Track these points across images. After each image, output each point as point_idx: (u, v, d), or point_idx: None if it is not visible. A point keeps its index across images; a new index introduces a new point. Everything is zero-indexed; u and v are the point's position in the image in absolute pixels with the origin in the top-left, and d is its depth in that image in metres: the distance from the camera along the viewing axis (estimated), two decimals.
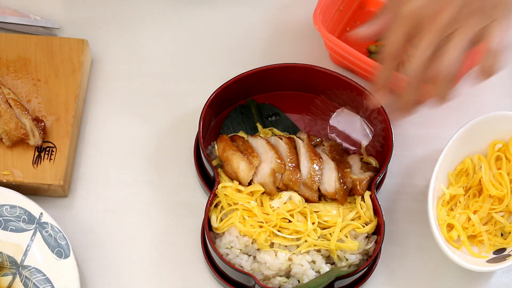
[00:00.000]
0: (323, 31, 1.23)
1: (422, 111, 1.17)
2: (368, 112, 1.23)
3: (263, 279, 1.14)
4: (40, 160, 1.21)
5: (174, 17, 1.30)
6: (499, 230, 1.19)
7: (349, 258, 1.15)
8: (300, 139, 1.21)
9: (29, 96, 1.25)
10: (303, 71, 1.24)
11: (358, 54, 1.23)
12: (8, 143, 1.20)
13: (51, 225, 1.17)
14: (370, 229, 1.16)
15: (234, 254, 1.15)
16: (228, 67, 1.31)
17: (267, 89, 1.27)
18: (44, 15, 1.33)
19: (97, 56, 1.32)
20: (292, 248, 1.14)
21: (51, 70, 1.26)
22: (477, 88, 1.31)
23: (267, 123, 1.26)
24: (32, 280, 1.16)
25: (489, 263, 1.15)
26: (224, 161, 1.18)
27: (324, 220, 1.16)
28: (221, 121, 1.26)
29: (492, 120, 1.21)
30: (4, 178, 1.20)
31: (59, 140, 1.23)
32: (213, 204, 1.17)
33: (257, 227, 1.14)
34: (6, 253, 1.18)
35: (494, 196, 1.19)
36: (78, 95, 1.25)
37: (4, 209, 1.18)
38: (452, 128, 1.23)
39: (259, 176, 1.17)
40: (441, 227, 1.18)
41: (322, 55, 1.32)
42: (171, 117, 1.29)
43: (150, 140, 1.27)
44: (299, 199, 1.16)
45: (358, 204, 1.17)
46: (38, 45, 1.27)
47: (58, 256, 1.16)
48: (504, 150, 1.22)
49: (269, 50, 1.33)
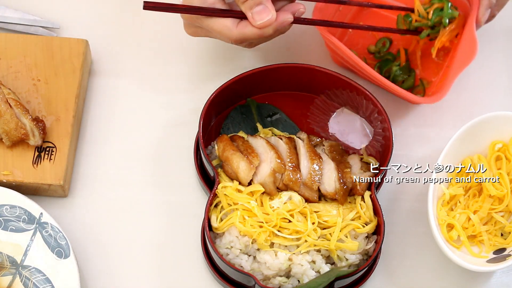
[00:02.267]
0: (323, 31, 1.23)
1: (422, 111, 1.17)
2: (368, 112, 1.23)
3: (263, 279, 1.14)
4: (40, 160, 1.21)
5: (174, 16, 1.30)
6: (499, 230, 1.19)
7: (349, 258, 1.15)
8: (300, 139, 1.21)
9: (29, 96, 1.25)
10: (303, 71, 1.24)
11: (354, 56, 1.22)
12: (8, 143, 1.20)
13: (51, 225, 1.17)
14: (370, 229, 1.16)
15: (234, 254, 1.15)
16: (228, 67, 1.31)
17: (267, 89, 1.27)
18: (44, 15, 1.33)
19: (97, 56, 1.32)
20: (292, 248, 1.14)
21: (51, 70, 1.26)
22: (477, 88, 1.32)
23: (267, 123, 1.26)
24: (32, 280, 1.16)
25: (489, 263, 1.15)
26: (224, 161, 1.18)
27: (324, 220, 1.16)
28: (221, 121, 1.26)
29: (492, 120, 1.21)
30: (4, 178, 1.20)
31: (59, 140, 1.22)
32: (213, 204, 1.17)
33: (257, 227, 1.14)
34: (6, 253, 1.18)
35: (494, 196, 1.19)
36: (78, 95, 1.25)
37: (4, 209, 1.18)
38: (452, 128, 1.23)
39: (259, 176, 1.17)
40: (441, 227, 1.18)
41: (322, 55, 1.32)
42: (171, 117, 1.29)
43: (150, 140, 1.27)
44: (299, 199, 1.16)
45: (358, 204, 1.17)
46: (38, 45, 1.27)
47: (58, 256, 1.16)
48: (504, 150, 1.22)
49: (269, 50, 1.33)
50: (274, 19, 1.13)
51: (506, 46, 1.34)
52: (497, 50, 1.33)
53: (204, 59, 1.32)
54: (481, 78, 1.32)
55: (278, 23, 1.14)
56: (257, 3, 1.12)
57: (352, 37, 1.33)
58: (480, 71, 1.28)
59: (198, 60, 1.32)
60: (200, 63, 1.32)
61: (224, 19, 1.15)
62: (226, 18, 1.15)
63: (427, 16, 1.26)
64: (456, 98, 1.30)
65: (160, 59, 1.32)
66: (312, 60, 1.28)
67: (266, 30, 1.14)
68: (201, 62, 1.32)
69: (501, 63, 1.33)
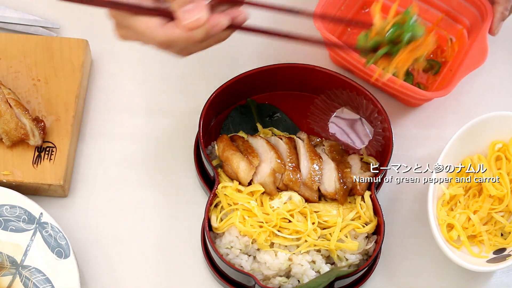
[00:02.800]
0: (322, 30, 1.23)
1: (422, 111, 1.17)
2: (368, 112, 1.23)
3: (263, 279, 1.14)
4: (40, 160, 1.21)
5: None
6: (499, 230, 1.19)
7: (349, 258, 1.15)
8: (300, 139, 1.21)
9: (29, 96, 1.25)
10: (303, 71, 1.24)
11: (356, 56, 1.23)
12: (8, 143, 1.20)
13: (51, 225, 1.17)
14: (370, 229, 1.16)
15: (234, 254, 1.15)
16: (228, 67, 1.31)
17: (267, 89, 1.27)
18: (44, 15, 1.33)
19: (97, 56, 1.32)
20: (292, 248, 1.14)
21: (51, 70, 1.26)
22: (477, 88, 1.32)
23: (267, 123, 1.26)
24: (32, 280, 1.16)
25: (489, 263, 1.15)
26: (224, 161, 1.18)
27: (324, 220, 1.16)
28: (221, 121, 1.26)
29: (492, 120, 1.21)
30: (4, 178, 1.20)
31: (59, 140, 1.22)
32: (213, 204, 1.17)
33: (257, 227, 1.14)
34: (6, 253, 1.17)
35: (494, 196, 1.19)
36: (78, 95, 1.25)
37: (4, 209, 1.18)
38: (452, 128, 1.23)
39: (259, 176, 1.17)
40: (441, 227, 1.18)
41: (322, 55, 1.32)
42: (171, 117, 1.29)
43: (150, 140, 1.27)
44: (299, 199, 1.16)
45: (358, 204, 1.17)
46: (38, 45, 1.27)
47: (58, 256, 1.16)
48: (504, 150, 1.22)
49: (269, 50, 1.33)
50: (204, 19, 0.99)
51: (507, 46, 1.34)
52: (498, 50, 1.33)
53: (204, 59, 1.32)
54: (481, 78, 1.32)
55: (210, 25, 1.00)
56: (188, 1, 0.99)
57: (351, 37, 1.33)
58: (480, 71, 1.28)
59: (198, 60, 1.32)
60: (200, 63, 1.32)
61: (148, 18, 1.00)
62: (152, 17, 1.00)
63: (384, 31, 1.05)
64: (456, 98, 1.30)
65: (160, 59, 1.32)
66: (312, 60, 1.28)
67: (196, 33, 1.00)
68: (201, 62, 1.32)
69: (502, 64, 1.34)
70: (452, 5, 1.30)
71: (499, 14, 1.24)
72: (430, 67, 1.31)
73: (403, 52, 1.04)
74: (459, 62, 1.26)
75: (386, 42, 1.04)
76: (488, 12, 1.25)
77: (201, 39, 1.01)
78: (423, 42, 1.05)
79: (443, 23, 1.32)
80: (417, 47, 1.04)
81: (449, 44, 1.32)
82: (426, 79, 1.31)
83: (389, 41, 1.04)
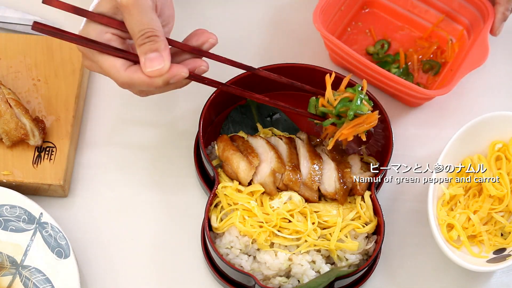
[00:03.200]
0: (322, 30, 1.23)
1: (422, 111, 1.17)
2: None
3: (263, 279, 1.14)
4: (40, 160, 1.21)
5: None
6: (499, 230, 1.19)
7: (349, 258, 1.15)
8: (300, 139, 1.21)
9: (29, 96, 1.25)
10: (303, 71, 1.24)
11: (356, 55, 1.23)
12: (8, 143, 1.20)
13: (51, 225, 1.17)
14: (370, 229, 1.16)
15: (234, 254, 1.15)
16: (228, 67, 1.31)
17: (267, 89, 1.27)
18: (44, 15, 1.33)
19: None
20: (292, 248, 1.14)
21: (51, 70, 1.26)
22: (477, 88, 1.32)
23: (267, 123, 1.26)
24: (32, 280, 1.16)
25: (489, 263, 1.15)
26: (224, 161, 1.18)
27: (324, 220, 1.16)
28: (221, 121, 1.26)
29: (492, 120, 1.21)
30: (4, 178, 1.20)
31: (59, 140, 1.23)
32: (213, 204, 1.17)
33: (257, 227, 1.14)
34: (6, 253, 1.17)
35: (494, 196, 1.19)
36: (78, 95, 1.25)
37: (4, 209, 1.18)
38: (452, 128, 1.23)
39: (259, 176, 1.17)
40: (441, 227, 1.18)
41: (322, 55, 1.32)
42: (171, 117, 1.29)
43: (150, 140, 1.27)
44: (299, 199, 1.16)
45: (358, 204, 1.17)
46: (38, 45, 1.27)
47: (58, 256, 1.16)
48: (504, 150, 1.22)
49: (269, 50, 1.33)
50: (165, 70, 1.05)
51: (507, 46, 1.34)
52: (498, 50, 1.33)
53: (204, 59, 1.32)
54: (481, 78, 1.32)
55: (170, 75, 1.05)
56: (153, 49, 1.04)
57: (350, 37, 1.34)
58: (480, 71, 1.28)
59: None
60: None
61: (114, 58, 1.06)
62: (117, 58, 1.06)
63: (333, 104, 1.14)
64: (456, 98, 1.30)
65: None
66: (312, 60, 1.28)
67: (155, 80, 1.05)
68: None
69: (502, 64, 1.34)
70: (452, 5, 1.30)
71: (501, 15, 1.24)
72: (430, 68, 1.31)
73: (347, 126, 1.13)
74: (459, 62, 1.27)
75: (333, 114, 1.14)
76: (489, 12, 1.25)
77: (160, 86, 1.07)
78: (366, 120, 1.13)
79: (443, 23, 1.33)
80: (361, 123, 1.13)
81: (449, 45, 1.32)
82: (426, 79, 1.31)
83: (336, 114, 1.14)
